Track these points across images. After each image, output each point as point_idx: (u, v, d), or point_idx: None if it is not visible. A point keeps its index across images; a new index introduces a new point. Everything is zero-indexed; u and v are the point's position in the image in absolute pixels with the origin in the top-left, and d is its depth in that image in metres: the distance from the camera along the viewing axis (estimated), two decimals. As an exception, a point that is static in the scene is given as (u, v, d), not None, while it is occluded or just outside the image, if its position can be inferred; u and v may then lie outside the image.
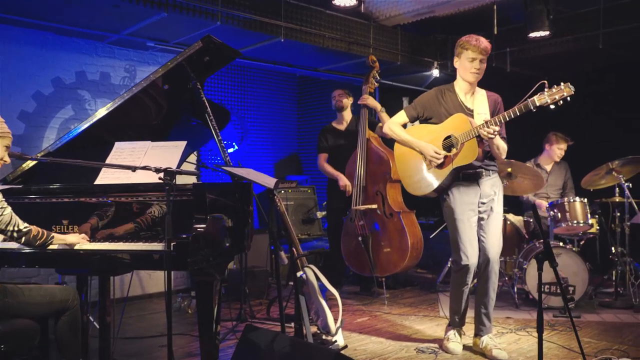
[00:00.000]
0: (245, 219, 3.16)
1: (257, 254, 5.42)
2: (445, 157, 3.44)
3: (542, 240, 4.90)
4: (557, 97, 3.02)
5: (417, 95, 3.81)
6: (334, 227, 5.27)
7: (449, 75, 6.37)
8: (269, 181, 2.94)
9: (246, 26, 4.68)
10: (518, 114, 3.14)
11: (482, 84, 3.61)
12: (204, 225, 2.63)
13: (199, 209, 2.67)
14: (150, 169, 2.53)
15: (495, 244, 3.53)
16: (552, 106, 3.05)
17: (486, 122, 3.21)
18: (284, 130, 7.94)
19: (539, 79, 3.09)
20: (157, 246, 2.60)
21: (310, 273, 3.52)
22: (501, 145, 3.43)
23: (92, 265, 2.72)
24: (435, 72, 6.44)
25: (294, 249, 3.81)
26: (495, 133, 3.22)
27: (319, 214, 6.04)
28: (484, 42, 3.41)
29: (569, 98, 3.01)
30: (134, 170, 2.55)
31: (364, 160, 4.89)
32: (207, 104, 3.46)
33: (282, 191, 6.02)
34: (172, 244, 2.51)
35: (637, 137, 5.93)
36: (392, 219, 4.74)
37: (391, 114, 3.95)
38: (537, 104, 3.07)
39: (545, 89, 3.05)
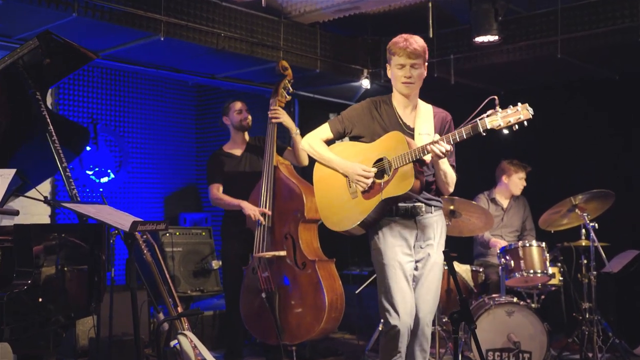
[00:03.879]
0: (95, 271, 3.11)
1: (130, 318, 5.28)
2: (374, 183, 3.49)
3: (493, 295, 5.06)
4: (512, 120, 3.10)
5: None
6: (232, 280, 5.23)
7: (383, 87, 6.54)
8: (123, 222, 2.89)
9: (113, 20, 4.65)
10: (465, 137, 3.20)
11: (422, 97, 3.69)
12: (28, 281, 2.56)
13: (22, 258, 2.60)
14: (-49, 207, 2.44)
15: (429, 302, 3.57)
16: (505, 130, 3.15)
17: (438, 140, 3.27)
18: (178, 154, 7.88)
19: (491, 93, 3.20)
20: (-40, 310, 2.50)
21: (186, 342, 3.47)
22: (449, 174, 3.50)
23: None
24: (366, 83, 6.60)
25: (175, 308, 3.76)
26: (447, 152, 3.27)
27: (216, 264, 5.99)
28: (415, 43, 3.48)
29: (526, 123, 3.11)
30: None
31: (270, 195, 4.90)
32: (49, 119, 3.42)
33: (168, 234, 5.94)
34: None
35: (606, 166, 6.26)
36: (305, 270, 4.74)
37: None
38: (488, 127, 3.13)
39: (499, 110, 3.13)
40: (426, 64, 3.56)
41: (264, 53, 5.70)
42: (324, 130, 3.73)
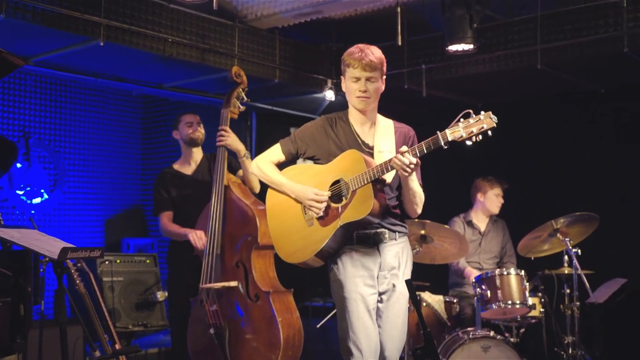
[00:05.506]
0: (20, 303, 3.09)
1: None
2: (330, 208, 3.51)
3: (468, 329, 5.11)
4: (474, 129, 3.16)
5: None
6: (179, 313, 5.19)
7: (349, 99, 6.59)
8: (52, 248, 2.88)
9: (46, 22, 4.63)
10: (425, 151, 3.26)
11: (391, 111, 3.73)
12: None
13: None
14: None
15: (395, 338, 3.60)
16: (468, 142, 3.21)
17: (402, 152, 3.28)
18: (121, 172, 7.83)
19: (466, 107, 3.25)
20: None
21: (122, 383, 3.45)
22: (419, 194, 3.53)
23: None
24: (330, 94, 6.64)
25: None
26: (413, 167, 3.29)
27: (161, 295, 5.95)
28: (371, 55, 3.52)
29: (489, 132, 3.17)
30: None
31: (219, 217, 4.88)
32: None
33: (107, 261, 5.90)
34: None
35: (590, 187, 6.38)
36: (258, 303, 4.73)
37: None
38: (449, 139, 3.19)
39: (461, 120, 3.21)
40: (384, 77, 3.60)
41: (217, 61, 5.72)
42: (275, 152, 3.75)
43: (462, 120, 3.19)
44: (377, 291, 3.58)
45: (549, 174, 6.64)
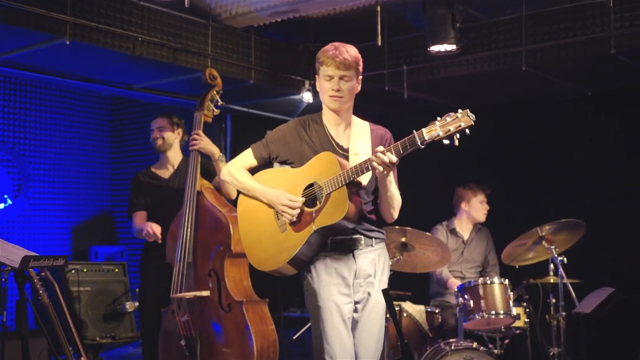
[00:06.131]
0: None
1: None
2: (304, 213, 3.49)
3: (450, 340, 5.12)
4: (451, 128, 3.14)
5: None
6: (150, 324, 5.16)
7: (327, 101, 6.61)
8: (12, 257, 2.85)
9: (10, 20, 4.60)
10: (402, 152, 3.24)
11: (372, 113, 3.70)
12: None
13: None
14: None
15: (371, 348, 3.59)
16: (445, 141, 3.19)
17: (380, 151, 3.25)
18: (89, 177, 7.79)
19: (449, 109, 3.23)
20: None
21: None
22: (397, 197, 3.53)
23: None
24: (307, 96, 6.66)
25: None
26: (391, 165, 3.27)
27: (131, 306, 5.91)
28: (346, 53, 3.52)
29: (467, 130, 3.16)
30: None
31: (191, 224, 4.87)
32: None
33: (73, 270, 5.85)
34: None
35: (577, 193, 6.42)
36: (232, 313, 4.71)
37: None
38: (426, 138, 3.17)
39: (438, 119, 3.20)
40: (360, 77, 3.60)
41: (189, 61, 5.71)
42: (247, 157, 3.74)
43: (439, 118, 3.19)
44: (353, 300, 3.57)
45: (535, 177, 6.68)
